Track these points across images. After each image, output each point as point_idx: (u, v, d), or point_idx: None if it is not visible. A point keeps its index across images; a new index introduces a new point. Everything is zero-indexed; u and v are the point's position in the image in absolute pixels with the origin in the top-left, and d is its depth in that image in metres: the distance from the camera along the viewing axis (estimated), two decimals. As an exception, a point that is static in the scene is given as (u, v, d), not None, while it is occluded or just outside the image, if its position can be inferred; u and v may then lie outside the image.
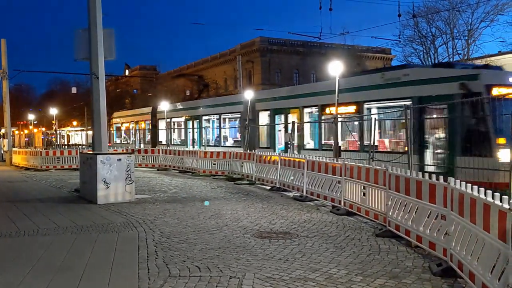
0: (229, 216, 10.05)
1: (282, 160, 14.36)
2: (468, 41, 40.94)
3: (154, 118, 34.02)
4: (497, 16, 39.34)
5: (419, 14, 40.09)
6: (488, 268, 4.56)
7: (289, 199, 12.65)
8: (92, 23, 12.87)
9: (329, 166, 11.14)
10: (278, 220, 9.51)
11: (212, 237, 8.00)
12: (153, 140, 33.37)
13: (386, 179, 8.16)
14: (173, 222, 9.47)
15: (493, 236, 4.48)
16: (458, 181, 5.68)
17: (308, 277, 5.75)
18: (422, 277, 5.75)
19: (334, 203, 10.66)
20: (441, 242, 6.09)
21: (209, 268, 6.13)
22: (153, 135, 33.55)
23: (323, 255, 6.77)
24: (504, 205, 4.27)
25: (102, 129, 13.18)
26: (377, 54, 68.74)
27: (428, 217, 6.60)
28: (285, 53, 66.27)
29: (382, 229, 8.15)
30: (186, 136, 30.45)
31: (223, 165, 19.33)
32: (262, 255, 6.78)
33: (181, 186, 16.12)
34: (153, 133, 33.44)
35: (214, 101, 29.37)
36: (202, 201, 12.34)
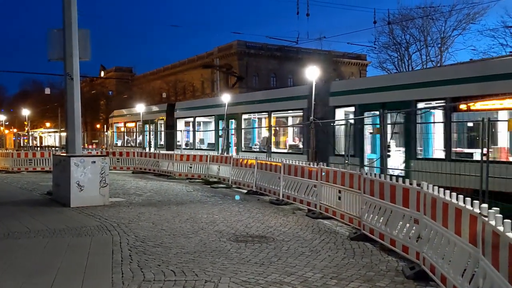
0: (205, 219, 10.01)
1: (259, 163, 14.39)
2: (441, 49, 41.90)
3: (171, 117, 28.85)
4: (469, 24, 40.44)
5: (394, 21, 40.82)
6: (459, 271, 4.65)
7: (265, 202, 12.67)
8: (67, 23, 12.67)
9: (305, 170, 11.21)
10: (254, 224, 9.52)
11: (187, 241, 7.95)
12: (169, 142, 28.37)
13: (361, 183, 8.26)
14: (148, 225, 9.38)
15: (464, 239, 4.58)
16: (431, 185, 5.79)
17: (283, 281, 5.76)
18: (395, 280, 5.83)
19: (310, 207, 10.73)
20: (414, 245, 6.19)
21: (184, 272, 6.09)
22: (169, 137, 28.64)
23: (299, 259, 6.80)
24: (475, 209, 4.37)
25: (76, 130, 12.97)
26: (353, 60, 69.68)
27: (402, 221, 6.71)
28: (263, 57, 66.50)
29: (356, 233, 8.23)
30: (216, 139, 24.62)
31: (200, 168, 19.24)
32: (238, 259, 6.77)
33: (157, 189, 15.98)
34: (169, 134, 28.56)
35: (261, 96, 23.60)
36: (178, 204, 12.26)
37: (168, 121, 29.10)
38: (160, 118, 29.81)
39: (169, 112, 29.11)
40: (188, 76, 73.07)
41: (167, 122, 29.19)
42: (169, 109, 29.36)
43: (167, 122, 29.16)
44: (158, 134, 30.22)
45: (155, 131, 30.91)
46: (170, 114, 28.81)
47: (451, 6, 39.21)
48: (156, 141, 29.92)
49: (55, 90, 67.99)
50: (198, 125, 28.02)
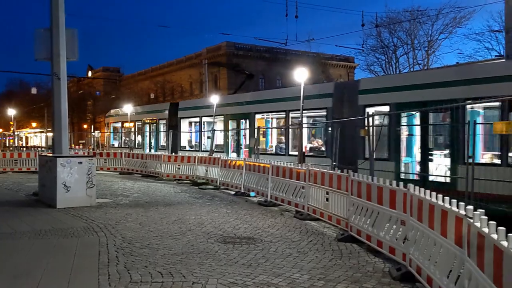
0: (192, 221, 9.98)
1: (247, 165, 14.39)
2: (428, 52, 42.35)
3: (174, 117, 26.97)
4: (455, 28, 40.92)
5: (382, 24, 41.17)
6: (445, 273, 4.70)
7: (253, 204, 12.67)
8: (54, 23, 12.56)
9: (294, 172, 11.24)
10: (242, 225, 9.51)
11: (175, 242, 7.92)
12: (172, 144, 25.90)
13: (348, 184, 8.30)
14: (135, 227, 9.32)
15: (450, 241, 4.62)
16: (417, 187, 5.84)
17: (271, 282, 5.77)
18: (382, 281, 5.87)
19: (298, 208, 10.75)
20: (400, 247, 6.24)
21: (171, 273, 6.07)
22: (172, 138, 25.98)
23: (286, 260, 6.81)
24: (461, 211, 4.42)
25: (63, 131, 12.84)
26: (341, 62, 70.04)
27: (389, 222, 6.76)
28: (251, 58, 66.51)
29: (344, 234, 8.27)
30: (226, 140, 22.95)
31: (188, 169, 19.19)
32: (226, 261, 6.76)
33: (144, 190, 15.89)
34: (172, 135, 25.98)
35: (276, 94, 21.34)
36: (166, 206, 12.20)
37: (171, 121, 27.24)
38: (162, 118, 27.92)
39: (172, 111, 27.30)
40: (177, 77, 72.85)
41: (169, 122, 27.22)
42: (172, 109, 27.57)
43: (170, 122, 27.32)
44: (160, 135, 28.27)
45: (156, 131, 28.96)
46: (173, 114, 27.03)
47: (438, 10, 39.68)
48: (157, 143, 28.27)
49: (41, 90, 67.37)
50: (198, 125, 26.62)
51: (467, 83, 11.63)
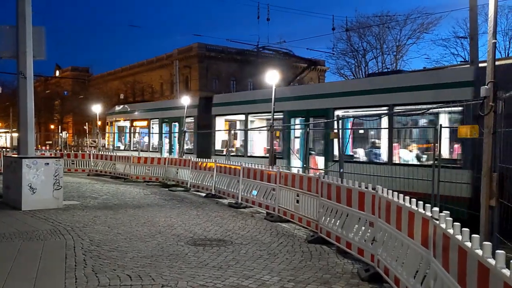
0: (162, 223, 9.88)
1: (218, 167, 14.35)
2: (396, 56, 43.28)
3: (206, 115, 21.02)
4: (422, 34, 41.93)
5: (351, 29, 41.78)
6: (412, 273, 4.80)
7: (224, 206, 12.65)
8: (20, 20, 12.24)
9: (265, 174, 11.28)
10: (213, 227, 9.48)
11: (144, 245, 7.83)
12: (203, 147, 20.62)
13: (318, 187, 8.38)
14: (104, 229, 9.17)
15: (417, 242, 4.73)
16: (385, 189, 5.95)
17: (241, 284, 5.77)
18: (351, 282, 5.95)
19: (269, 210, 10.79)
20: (369, 248, 6.34)
21: (140, 276, 5.99)
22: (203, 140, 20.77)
23: (257, 262, 6.82)
24: (427, 213, 4.52)
25: (29, 131, 12.52)
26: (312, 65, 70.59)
27: (358, 224, 6.86)
28: (223, 60, 66.37)
29: (314, 236, 8.35)
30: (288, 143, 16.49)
31: (158, 171, 19.00)
32: (196, 263, 6.73)
33: (113, 192, 15.64)
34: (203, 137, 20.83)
35: (366, 84, 14.81)
36: (135, 208, 12.05)
37: (201, 119, 21.76)
38: (188, 116, 22.16)
39: (204, 108, 21.80)
40: (147, 77, 72.02)
41: (199, 121, 21.79)
42: (203, 105, 22.10)
43: (200, 120, 21.89)
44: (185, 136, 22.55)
45: (179, 132, 22.94)
46: (205, 111, 21.43)
47: (406, 16, 40.58)
48: (181, 145, 22.30)
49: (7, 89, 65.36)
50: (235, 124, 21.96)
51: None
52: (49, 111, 77.63)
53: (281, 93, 16.10)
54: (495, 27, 5.46)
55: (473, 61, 14.90)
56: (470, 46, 16.50)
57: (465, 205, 9.41)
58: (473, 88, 10.19)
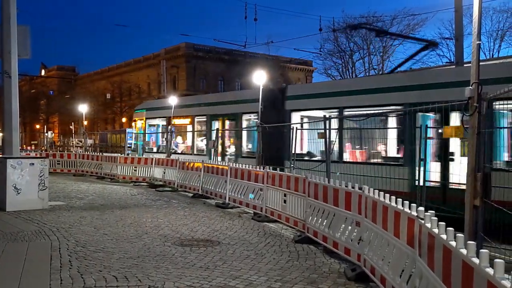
0: (149, 224, 9.83)
1: (205, 167, 14.32)
2: (383, 57, 43.55)
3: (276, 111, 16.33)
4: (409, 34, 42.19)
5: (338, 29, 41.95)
6: (398, 272, 4.83)
7: (211, 206, 12.62)
8: (5, 19, 12.08)
9: (252, 174, 11.28)
10: (200, 228, 9.45)
11: (131, 246, 7.78)
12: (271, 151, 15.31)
13: (305, 187, 8.41)
14: (90, 230, 9.09)
15: (403, 241, 4.76)
16: (372, 189, 5.99)
17: (228, 284, 5.76)
18: (337, 282, 5.98)
19: (256, 210, 10.80)
20: (355, 247, 6.38)
21: (127, 277, 5.95)
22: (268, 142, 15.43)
23: (244, 262, 6.82)
24: (413, 212, 4.56)
25: (13, 131, 12.35)
26: (300, 66, 70.85)
27: (344, 223, 6.89)
28: (211, 60, 66.32)
29: (301, 236, 8.37)
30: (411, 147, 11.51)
31: (145, 171, 18.88)
32: (183, 264, 6.70)
33: (99, 192, 15.52)
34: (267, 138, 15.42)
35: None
36: (121, 208, 11.97)
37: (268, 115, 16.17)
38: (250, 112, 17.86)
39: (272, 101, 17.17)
40: (134, 77, 71.63)
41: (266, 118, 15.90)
42: (271, 97, 17.15)
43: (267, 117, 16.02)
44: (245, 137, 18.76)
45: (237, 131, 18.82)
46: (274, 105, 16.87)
47: (392, 17, 40.90)
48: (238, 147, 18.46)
49: (-10, 88, 64.58)
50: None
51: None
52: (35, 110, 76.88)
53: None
54: (479, 28, 5.53)
55: (458, 62, 15.07)
56: (456, 47, 16.66)
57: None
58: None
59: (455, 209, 6.20)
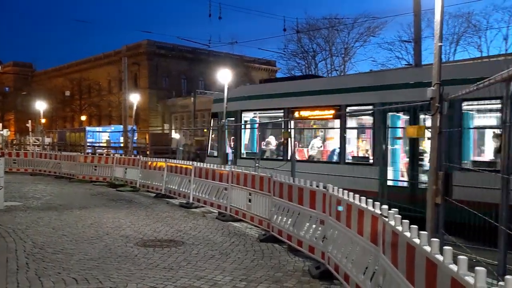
0: (110, 224, 9.61)
1: (169, 166, 14.13)
2: (344, 59, 44.28)
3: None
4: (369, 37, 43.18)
5: (302, 30, 42.37)
6: (361, 270, 4.89)
7: (175, 206, 12.47)
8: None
9: (216, 173, 11.20)
10: (163, 228, 9.31)
11: (91, 247, 7.57)
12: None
13: (270, 186, 8.42)
14: (48, 231, 8.80)
15: (366, 239, 4.83)
16: (336, 187, 6.05)
17: (193, 285, 5.69)
18: (302, 280, 6.01)
19: (221, 210, 10.73)
20: (319, 246, 6.43)
21: (87, 279, 5.79)
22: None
23: (209, 262, 6.76)
24: (376, 210, 4.63)
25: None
26: (263, 66, 71.06)
27: (309, 222, 6.94)
28: (173, 58, 65.53)
29: (266, 235, 8.37)
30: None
31: (105, 171, 18.45)
32: (146, 264, 6.58)
33: (57, 192, 15.06)
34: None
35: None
36: (81, 209, 11.65)
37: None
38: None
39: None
40: (94, 74, 69.99)
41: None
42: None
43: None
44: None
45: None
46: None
47: (353, 19, 41.62)
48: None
49: None
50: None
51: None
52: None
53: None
54: (441, 30, 5.68)
55: (417, 64, 15.47)
56: (414, 50, 17.10)
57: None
58: None
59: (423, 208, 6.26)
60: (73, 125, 68.42)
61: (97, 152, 30.93)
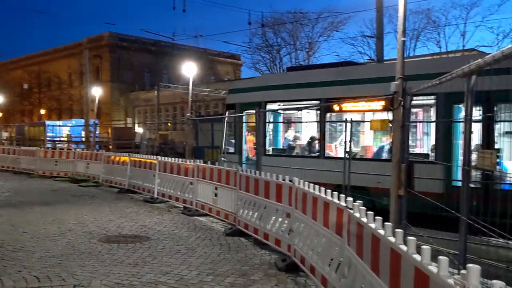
0: (73, 220, 9.38)
1: (132, 161, 13.91)
2: (309, 53, 44.64)
3: None
4: (333, 32, 43.69)
5: (267, 24, 42.42)
6: (327, 261, 4.96)
7: (139, 201, 12.29)
8: None
9: (182, 167, 11.11)
10: (127, 224, 9.17)
11: (53, 244, 7.38)
12: None
13: (237, 179, 8.41)
14: (7, 228, 8.52)
15: (332, 231, 4.89)
16: (302, 181, 6.10)
17: (159, 280, 5.64)
18: (268, 273, 6.04)
19: (186, 204, 10.66)
20: (285, 239, 6.48)
21: (49, 277, 5.64)
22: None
23: (174, 257, 6.71)
24: (342, 203, 4.70)
25: None
26: (229, 59, 70.80)
27: (275, 215, 6.98)
28: (137, 51, 64.35)
29: (232, 228, 8.38)
30: None
31: (66, 166, 17.98)
32: (110, 261, 6.47)
33: (17, 188, 14.59)
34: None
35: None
36: (42, 205, 11.32)
37: None
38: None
39: None
40: (54, 66, 68.00)
41: None
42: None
43: None
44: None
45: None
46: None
47: (317, 14, 42.00)
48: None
49: None
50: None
51: None
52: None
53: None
54: (404, 26, 5.80)
55: (379, 59, 15.76)
56: (377, 45, 17.40)
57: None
58: None
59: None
60: (32, 119, 66.31)
61: (57, 147, 30.12)
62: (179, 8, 31.95)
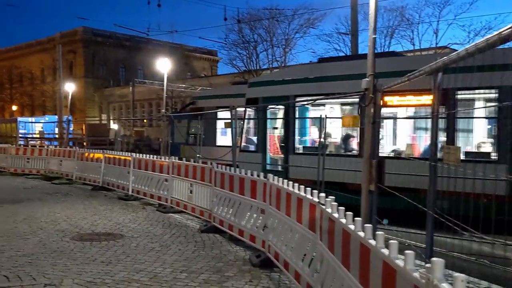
0: (45, 218, 9.22)
1: (107, 158, 13.74)
2: (285, 50, 44.71)
3: None
4: (309, 29, 43.86)
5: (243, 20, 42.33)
6: (300, 257, 5.00)
7: (113, 198, 12.15)
8: None
9: (157, 164, 11.02)
10: (101, 221, 9.06)
11: (24, 243, 7.24)
12: None
13: (212, 176, 8.40)
14: (-24, 228, 8.32)
15: (305, 227, 4.94)
16: (276, 177, 6.13)
17: (132, 278, 5.59)
18: (243, 269, 6.06)
19: (161, 201, 10.59)
20: (260, 235, 6.50)
21: (19, 277, 5.54)
22: None
23: (148, 255, 6.66)
24: (314, 198, 4.74)
25: None
26: (205, 55, 70.47)
27: (250, 211, 7.00)
28: (111, 46, 63.56)
29: (207, 225, 8.36)
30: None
31: (39, 163, 17.66)
32: (82, 259, 6.38)
33: (-13, 187, 14.25)
34: None
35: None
36: (13, 203, 11.09)
37: None
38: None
39: None
40: (26, 62, 66.56)
41: None
42: None
43: None
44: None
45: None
46: None
47: (294, 11, 42.10)
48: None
49: None
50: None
51: None
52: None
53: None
54: (375, 23, 5.87)
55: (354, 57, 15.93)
56: (351, 42, 17.59)
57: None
58: None
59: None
60: (3, 116, 64.82)
61: (30, 144, 29.50)
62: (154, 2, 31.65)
